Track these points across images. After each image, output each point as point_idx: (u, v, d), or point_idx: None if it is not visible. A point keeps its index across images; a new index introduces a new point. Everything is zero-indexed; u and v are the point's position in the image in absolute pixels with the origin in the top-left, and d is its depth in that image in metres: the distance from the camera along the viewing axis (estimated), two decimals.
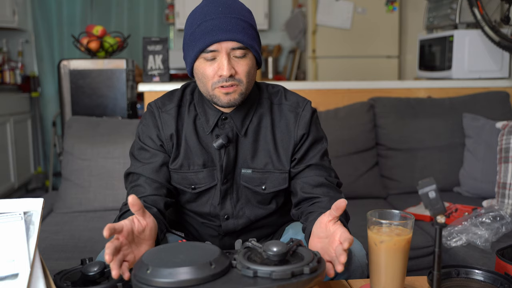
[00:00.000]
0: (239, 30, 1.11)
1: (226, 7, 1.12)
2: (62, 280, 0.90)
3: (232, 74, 1.12)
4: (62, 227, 1.91)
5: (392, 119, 2.40)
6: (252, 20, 1.16)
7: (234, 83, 1.13)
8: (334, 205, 0.96)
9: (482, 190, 2.19)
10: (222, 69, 1.11)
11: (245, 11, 1.15)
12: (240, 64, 1.13)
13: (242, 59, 1.13)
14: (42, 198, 0.86)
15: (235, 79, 1.13)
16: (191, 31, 1.14)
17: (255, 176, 1.24)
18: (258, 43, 1.18)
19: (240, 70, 1.13)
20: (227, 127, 1.22)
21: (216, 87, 1.14)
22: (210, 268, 0.79)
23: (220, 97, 1.15)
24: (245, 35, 1.12)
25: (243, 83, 1.14)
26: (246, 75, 1.14)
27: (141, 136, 1.25)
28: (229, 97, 1.14)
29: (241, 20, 1.12)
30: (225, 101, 1.15)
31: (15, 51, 4.54)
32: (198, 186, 1.25)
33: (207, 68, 1.13)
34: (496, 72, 2.75)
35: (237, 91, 1.14)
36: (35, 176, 4.44)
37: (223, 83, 1.12)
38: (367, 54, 4.25)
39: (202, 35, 1.11)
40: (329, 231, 0.98)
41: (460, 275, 1.03)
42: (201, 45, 1.11)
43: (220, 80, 1.12)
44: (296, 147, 1.23)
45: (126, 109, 2.61)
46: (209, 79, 1.13)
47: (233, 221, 1.28)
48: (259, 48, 1.18)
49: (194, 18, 1.14)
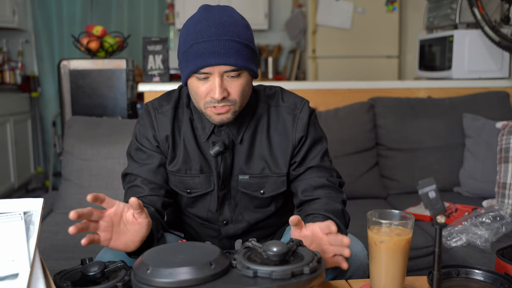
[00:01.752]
0: (231, 53, 1.07)
1: (219, 28, 1.07)
2: (62, 280, 0.90)
3: (225, 96, 1.09)
4: (62, 227, 1.91)
5: (392, 119, 2.40)
6: (247, 38, 1.10)
7: (226, 104, 1.11)
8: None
9: (482, 190, 2.19)
10: (214, 92, 1.08)
11: (240, 27, 1.10)
12: (234, 85, 1.10)
13: (235, 79, 1.10)
14: (42, 198, 0.86)
15: (228, 100, 1.10)
16: (183, 49, 1.10)
17: (252, 182, 1.23)
18: (254, 60, 1.14)
19: (233, 90, 1.10)
20: (223, 134, 1.21)
21: (208, 107, 1.12)
22: (210, 268, 0.79)
23: (212, 116, 1.13)
24: (238, 57, 1.08)
25: (236, 103, 1.12)
26: (240, 95, 1.12)
27: (138, 137, 1.25)
28: (221, 117, 1.12)
29: (234, 42, 1.07)
30: (217, 121, 1.13)
31: (15, 51, 4.54)
32: (193, 190, 1.24)
33: (200, 87, 1.10)
34: (496, 72, 2.75)
35: (230, 111, 1.12)
36: (35, 176, 4.44)
37: (215, 104, 1.10)
38: (367, 54, 4.25)
39: (194, 57, 1.07)
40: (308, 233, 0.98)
41: (460, 275, 1.02)
42: (193, 68, 1.08)
43: (212, 101, 1.10)
44: (295, 150, 1.22)
45: (126, 109, 2.61)
46: (201, 98, 1.11)
47: (233, 226, 1.27)
48: (256, 64, 1.15)
49: (187, 35, 1.10)
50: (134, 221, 0.94)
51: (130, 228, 0.95)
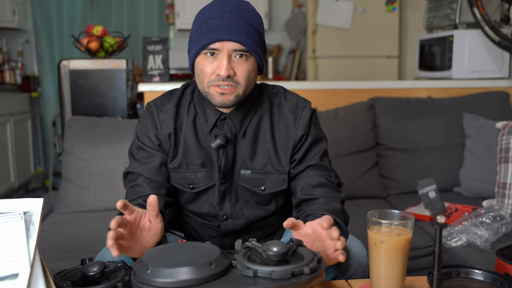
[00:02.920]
0: (243, 32, 1.10)
1: (234, 8, 1.12)
2: (62, 280, 0.90)
3: (230, 75, 1.11)
4: (62, 227, 1.91)
5: (392, 119, 2.40)
6: (260, 26, 1.15)
7: (231, 84, 1.12)
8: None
9: (482, 190, 2.19)
10: (221, 69, 1.10)
11: (254, 15, 1.15)
12: (240, 67, 1.12)
13: (243, 61, 1.12)
14: (42, 198, 0.86)
15: (233, 80, 1.12)
16: (197, 26, 1.14)
17: (254, 177, 1.24)
18: (263, 49, 1.17)
19: (240, 72, 1.12)
20: (226, 128, 1.22)
21: (212, 85, 1.13)
22: (210, 268, 0.79)
23: (215, 96, 1.14)
24: (248, 38, 1.11)
25: (240, 85, 1.14)
26: (245, 78, 1.13)
27: (140, 136, 1.25)
28: (223, 98, 1.14)
29: (247, 23, 1.11)
30: (219, 101, 1.14)
31: (15, 51, 4.54)
32: (196, 185, 1.24)
33: (206, 65, 1.13)
34: (496, 72, 2.75)
35: (234, 93, 1.14)
36: (35, 176, 4.44)
37: (219, 82, 1.12)
38: (367, 54, 4.25)
39: (206, 32, 1.10)
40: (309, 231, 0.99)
41: (460, 275, 1.03)
42: (204, 42, 1.11)
43: (217, 79, 1.12)
44: (296, 148, 1.23)
45: (126, 109, 2.61)
46: (206, 76, 1.13)
47: (232, 222, 1.28)
48: (263, 54, 1.17)
49: (202, 14, 1.15)
50: (151, 226, 0.94)
51: (146, 235, 0.95)
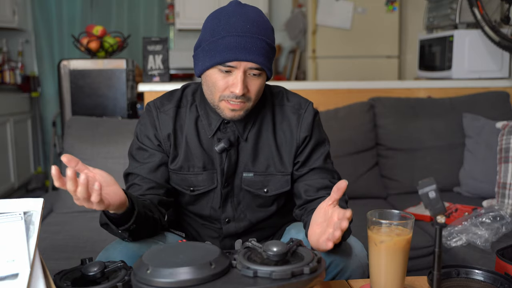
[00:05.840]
0: (262, 52, 1.10)
1: (255, 26, 1.10)
2: (62, 280, 0.90)
3: (244, 93, 1.12)
4: (62, 227, 1.91)
5: (392, 119, 2.40)
6: (273, 40, 1.16)
7: (242, 101, 1.13)
8: (335, 186, 0.96)
9: (482, 190, 2.19)
10: (236, 87, 1.10)
11: (269, 30, 1.14)
12: (253, 83, 1.13)
13: (256, 77, 1.13)
14: (42, 198, 0.86)
15: (245, 97, 1.13)
16: (212, 39, 1.11)
17: (257, 180, 1.23)
18: (272, 61, 1.18)
19: (252, 88, 1.13)
20: (229, 131, 1.22)
21: (223, 100, 1.13)
22: (210, 268, 0.79)
23: (225, 110, 1.15)
24: (265, 58, 1.12)
25: (251, 101, 1.15)
26: (256, 93, 1.15)
27: (139, 136, 1.25)
28: (234, 113, 1.14)
29: (265, 43, 1.11)
30: (229, 116, 1.15)
31: (15, 51, 4.53)
32: (197, 188, 1.24)
33: (220, 80, 1.12)
34: (496, 72, 2.75)
35: (244, 108, 1.15)
36: (35, 176, 4.44)
37: (232, 99, 1.12)
38: (367, 54, 4.25)
39: (224, 49, 1.09)
40: (327, 215, 0.98)
41: (460, 275, 1.03)
42: (221, 59, 1.09)
43: (230, 96, 1.12)
44: (299, 149, 1.23)
45: (126, 109, 2.62)
46: (219, 90, 1.13)
47: (235, 224, 1.28)
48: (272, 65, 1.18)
49: (218, 26, 1.11)
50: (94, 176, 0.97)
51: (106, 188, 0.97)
